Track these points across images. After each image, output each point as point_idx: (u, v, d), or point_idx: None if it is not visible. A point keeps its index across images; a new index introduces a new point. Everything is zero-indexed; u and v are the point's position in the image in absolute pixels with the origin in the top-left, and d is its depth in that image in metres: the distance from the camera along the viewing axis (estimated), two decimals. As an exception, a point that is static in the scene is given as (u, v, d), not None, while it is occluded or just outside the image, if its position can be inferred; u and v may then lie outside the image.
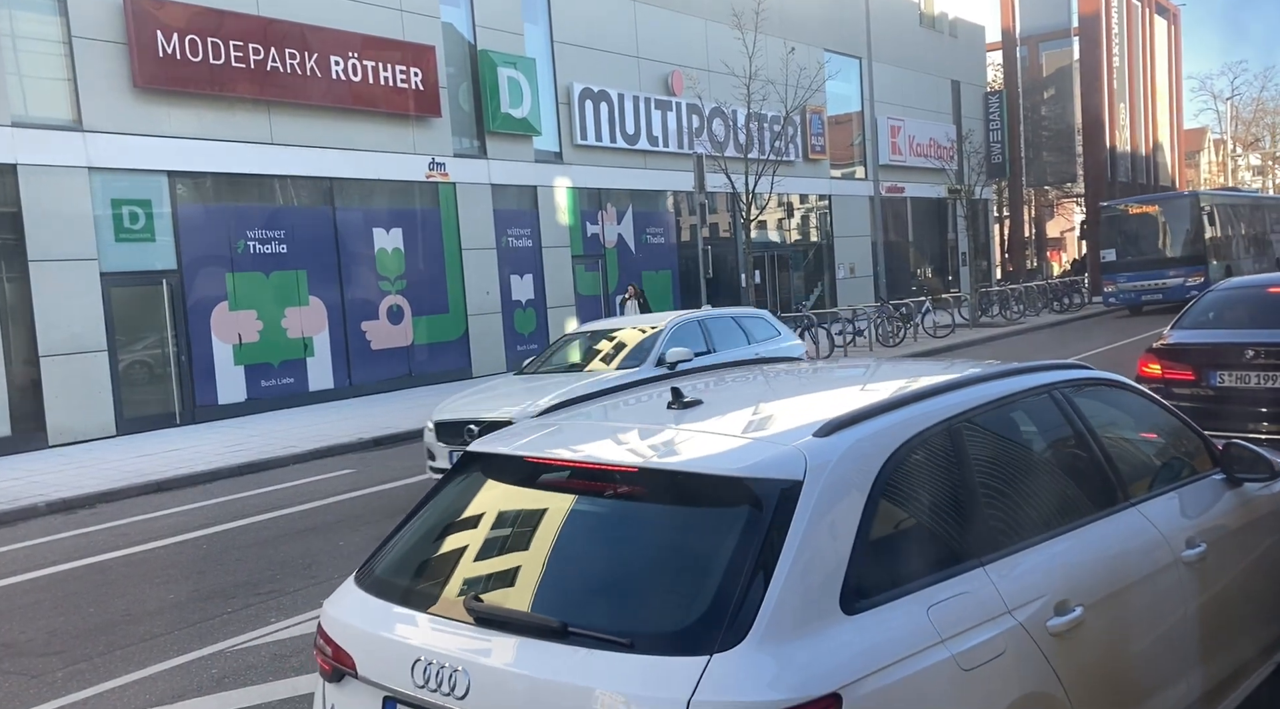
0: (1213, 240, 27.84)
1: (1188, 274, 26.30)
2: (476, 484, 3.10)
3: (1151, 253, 27.61)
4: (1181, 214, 27.52)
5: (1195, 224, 27.18)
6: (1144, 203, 29.00)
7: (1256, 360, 7.78)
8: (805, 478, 2.47)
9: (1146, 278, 27.19)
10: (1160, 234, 27.77)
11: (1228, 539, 3.61)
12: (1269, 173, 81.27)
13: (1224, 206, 29.55)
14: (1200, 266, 26.46)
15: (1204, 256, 26.91)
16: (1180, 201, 28.25)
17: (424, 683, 2.51)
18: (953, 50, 37.77)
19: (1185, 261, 26.85)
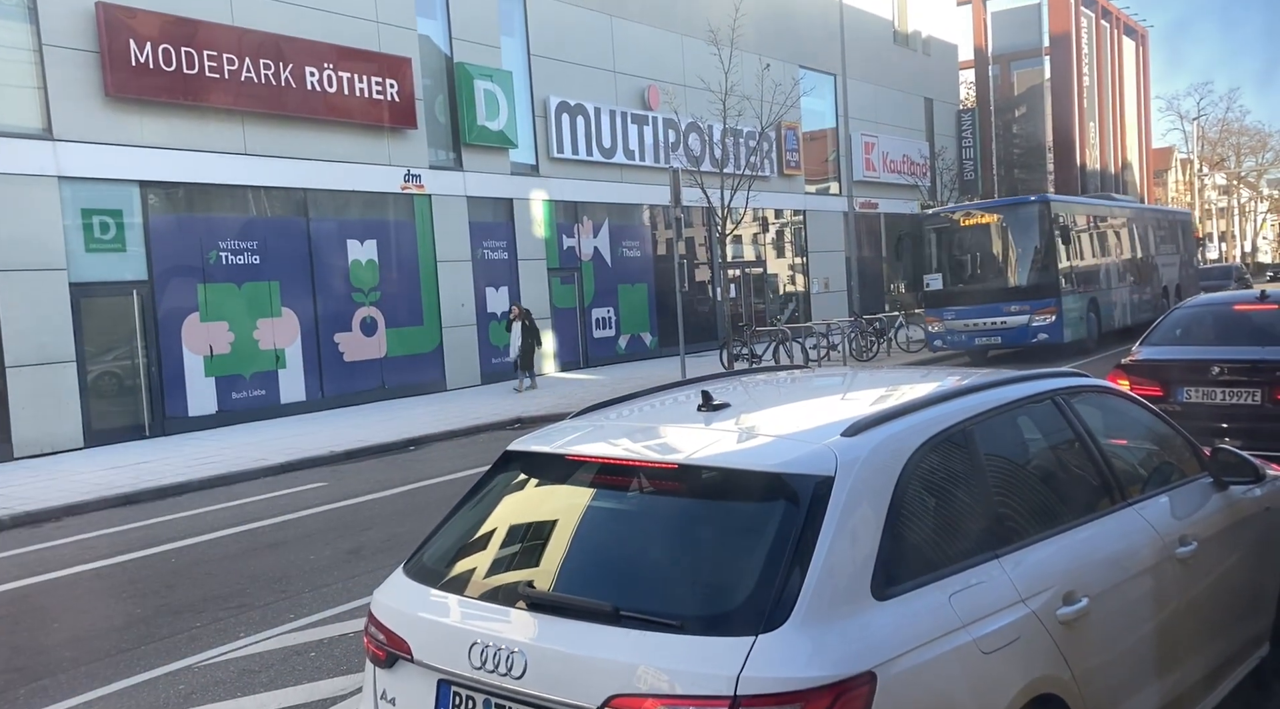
0: (1071, 264, 20.56)
1: (1034, 310, 19.46)
2: (519, 481, 3.29)
3: (990, 279, 20.56)
4: (1027, 227, 20.08)
5: (1046, 241, 19.81)
6: (980, 211, 21.37)
7: (1222, 377, 7.88)
8: (836, 474, 2.66)
9: (981, 314, 19.97)
10: (1000, 254, 20.77)
11: (1216, 538, 3.84)
12: (1234, 192, 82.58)
13: (1089, 218, 22.62)
14: (1049, 300, 19.49)
15: (1055, 286, 19.60)
16: (1025, 210, 20.41)
17: (481, 664, 2.66)
18: (926, 68, 38.13)
19: (1030, 293, 19.64)
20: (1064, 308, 19.70)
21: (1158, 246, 26.50)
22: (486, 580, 2.96)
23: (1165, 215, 29.36)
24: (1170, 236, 27.93)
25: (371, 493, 10.61)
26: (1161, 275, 26.32)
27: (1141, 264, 25.00)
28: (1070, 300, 20.11)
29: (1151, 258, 25.78)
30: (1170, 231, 28.06)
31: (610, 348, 24.38)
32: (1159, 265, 26.28)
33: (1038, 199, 20.77)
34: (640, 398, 3.90)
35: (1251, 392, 7.75)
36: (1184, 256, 29.20)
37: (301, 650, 5.75)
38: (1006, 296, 19.83)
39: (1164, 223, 28.08)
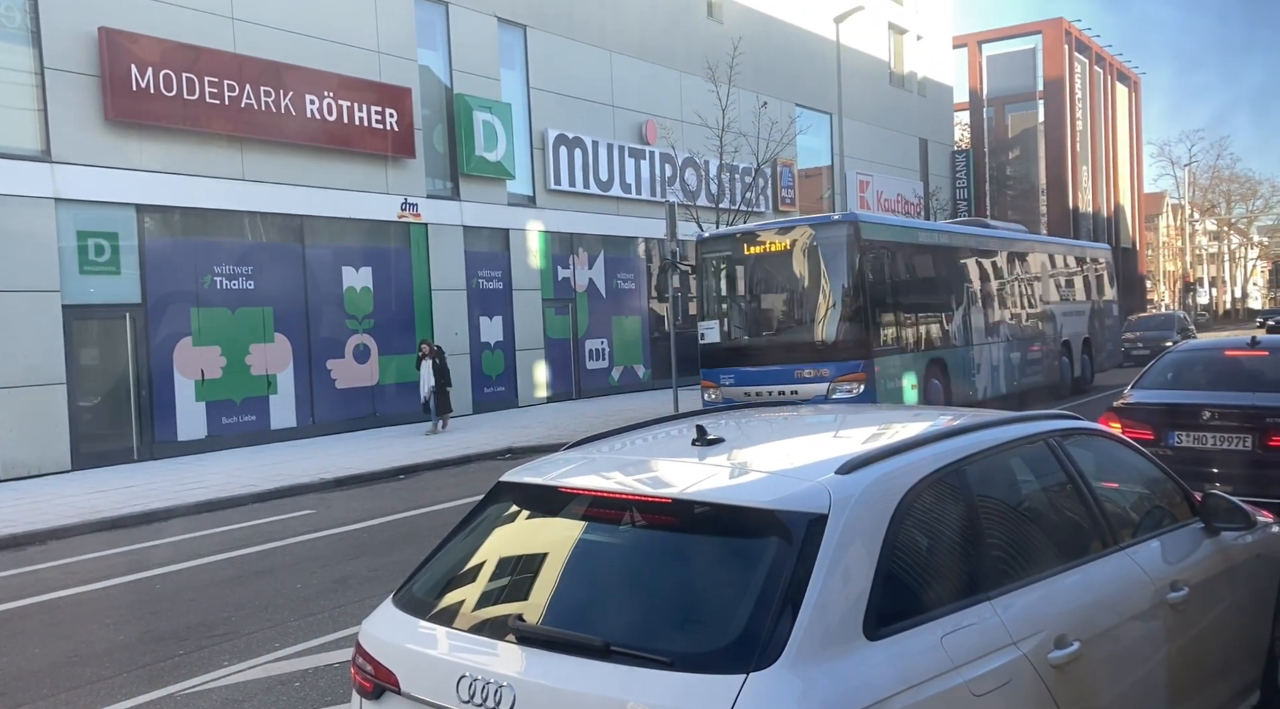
0: (896, 312, 14.96)
1: (835, 375, 13.95)
2: (510, 513, 3.26)
3: (779, 330, 15.11)
4: (829, 257, 14.35)
5: (854, 278, 14.16)
6: (768, 233, 15.10)
7: (1213, 422, 7.91)
8: (830, 511, 2.64)
9: (766, 379, 14.45)
10: (792, 295, 15.07)
11: (1208, 584, 3.82)
12: (1225, 238, 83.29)
13: (930, 250, 16.49)
14: (855, 363, 13.90)
15: (865, 342, 14.06)
16: (826, 235, 14.40)
17: (469, 698, 2.63)
18: (921, 109, 38.51)
19: (830, 352, 14.06)
20: (880, 373, 14.02)
21: (1059, 290, 20.98)
22: (476, 613, 2.94)
23: (1069, 250, 22.71)
24: (1078, 278, 22.30)
25: (360, 521, 10.55)
26: (1061, 327, 20.59)
27: (1028, 313, 19.38)
28: (891, 362, 14.48)
29: (1044, 305, 20.04)
30: (1078, 272, 22.35)
31: (603, 379, 24.38)
32: (1058, 315, 20.46)
33: (843, 219, 14.56)
34: (634, 431, 3.90)
35: (1242, 437, 7.77)
36: (1099, 304, 23.17)
37: (286, 680, 5.69)
38: (799, 356, 14.10)
39: (1067, 260, 22.01)
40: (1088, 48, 47.98)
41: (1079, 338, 21.57)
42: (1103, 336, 23.25)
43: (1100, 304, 23.36)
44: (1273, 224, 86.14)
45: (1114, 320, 24.59)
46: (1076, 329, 21.43)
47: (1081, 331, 21.77)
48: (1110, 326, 24.09)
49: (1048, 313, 20.12)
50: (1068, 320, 21.01)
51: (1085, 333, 21.96)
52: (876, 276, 14.52)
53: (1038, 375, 19.31)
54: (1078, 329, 21.55)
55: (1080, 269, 22.56)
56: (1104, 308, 23.63)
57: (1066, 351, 20.82)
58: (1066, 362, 20.75)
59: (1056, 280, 21.04)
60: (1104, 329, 23.46)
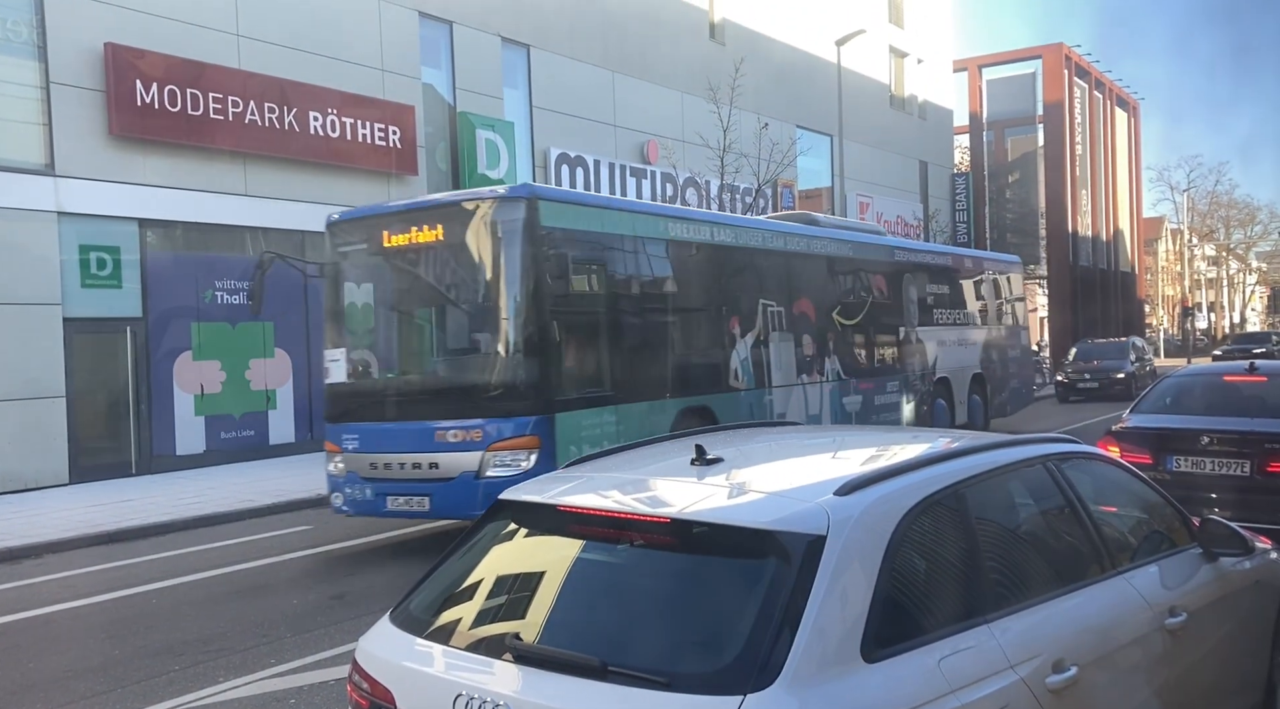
0: (594, 340, 10.01)
1: (493, 437, 8.91)
2: (508, 531, 3.26)
3: (424, 363, 10.70)
4: (495, 251, 9.26)
5: (529, 285, 9.10)
6: (417, 214, 9.85)
7: (1211, 447, 7.92)
8: (829, 533, 2.64)
9: (397, 442, 9.39)
10: (441, 309, 10.45)
11: (1206, 610, 3.80)
12: (1223, 264, 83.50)
13: (660, 249, 10.87)
14: (524, 421, 8.89)
15: (544, 385, 9.08)
16: (493, 216, 9.18)
17: None
18: (921, 132, 38.68)
19: (486, 403, 9.08)
20: (570, 433, 9.13)
21: (934, 313, 16.39)
22: (473, 631, 2.94)
23: (956, 262, 17.84)
24: (968, 298, 17.72)
25: (357, 538, 10.53)
26: (935, 360, 16.01)
27: (878, 342, 14.92)
28: (594, 417, 9.43)
29: (907, 331, 15.49)
30: (969, 290, 17.83)
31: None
32: (930, 344, 15.94)
33: (513, 193, 9.23)
34: (633, 450, 3.90)
35: (1240, 462, 7.78)
36: (1000, 331, 18.68)
37: (281, 697, 5.67)
38: (442, 408, 9.22)
39: (952, 275, 17.32)
40: (1087, 73, 48.26)
41: (965, 373, 16.99)
42: (1004, 372, 18.56)
43: (1002, 331, 18.77)
44: (1271, 250, 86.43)
45: (1022, 351, 20.17)
46: (961, 362, 16.91)
47: (969, 365, 17.20)
48: (1017, 359, 19.56)
49: (912, 342, 15.51)
50: (947, 351, 16.47)
51: (976, 367, 17.36)
52: (567, 283, 9.35)
53: (893, 419, 14.82)
54: (963, 362, 17.00)
55: (974, 287, 17.99)
56: (1008, 336, 19.06)
57: (944, 392, 16.25)
58: (943, 405, 16.19)
59: (929, 300, 16.23)
60: (1007, 362, 18.74)
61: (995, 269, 19.31)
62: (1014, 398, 19.25)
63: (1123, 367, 27.50)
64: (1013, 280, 19.87)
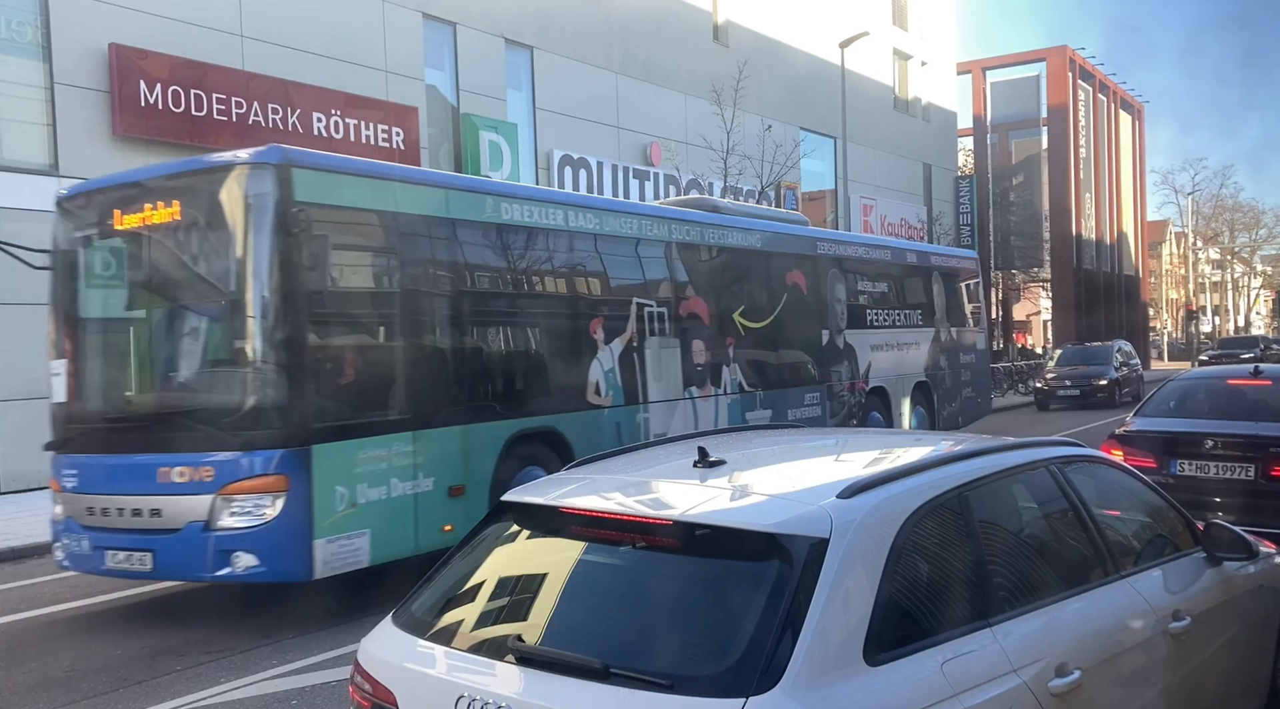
0: (373, 346, 7.88)
1: (226, 477, 6.83)
2: (511, 532, 3.27)
3: (149, 382, 8.23)
4: (236, 233, 7.20)
5: (279, 278, 6.99)
6: (150, 184, 7.68)
7: (1216, 451, 7.91)
8: (831, 536, 2.64)
9: (117, 481, 7.31)
10: (173, 310, 8.14)
11: (1209, 614, 3.79)
12: (1228, 267, 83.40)
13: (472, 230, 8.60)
14: (268, 456, 6.82)
15: (293, 409, 6.92)
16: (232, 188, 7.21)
17: None
18: (925, 134, 38.67)
19: (219, 434, 6.96)
20: (334, 472, 7.14)
21: (867, 313, 14.42)
22: (475, 632, 2.94)
23: (895, 255, 15.69)
24: (912, 296, 15.77)
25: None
26: (868, 367, 14.14)
27: (795, 345, 12.91)
28: (366, 451, 7.39)
29: (832, 334, 13.50)
30: (913, 288, 15.94)
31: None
32: (860, 349, 14.02)
33: (258, 159, 7.42)
34: (636, 451, 3.90)
35: (1245, 466, 7.76)
36: (949, 333, 16.54)
37: (284, 698, 5.67)
38: (167, 439, 7.18)
39: (891, 270, 15.33)
40: (1091, 76, 48.24)
41: (906, 382, 15.05)
42: (954, 379, 16.50)
43: (954, 334, 16.69)
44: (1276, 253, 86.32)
45: (977, 356, 17.74)
46: (901, 370, 15.00)
47: (911, 373, 15.26)
48: (971, 364, 17.34)
49: (838, 347, 13.45)
50: (884, 358, 14.51)
51: (920, 374, 15.45)
52: (335, 275, 7.54)
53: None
54: (904, 370, 15.07)
55: (920, 285, 16.03)
56: (961, 339, 17.00)
57: (879, 404, 14.35)
58: (878, 418, 14.36)
59: (862, 299, 14.32)
60: (957, 368, 16.66)
61: (945, 265, 17.13)
62: (967, 408, 17.21)
63: (1106, 372, 25.70)
64: (967, 278, 17.88)
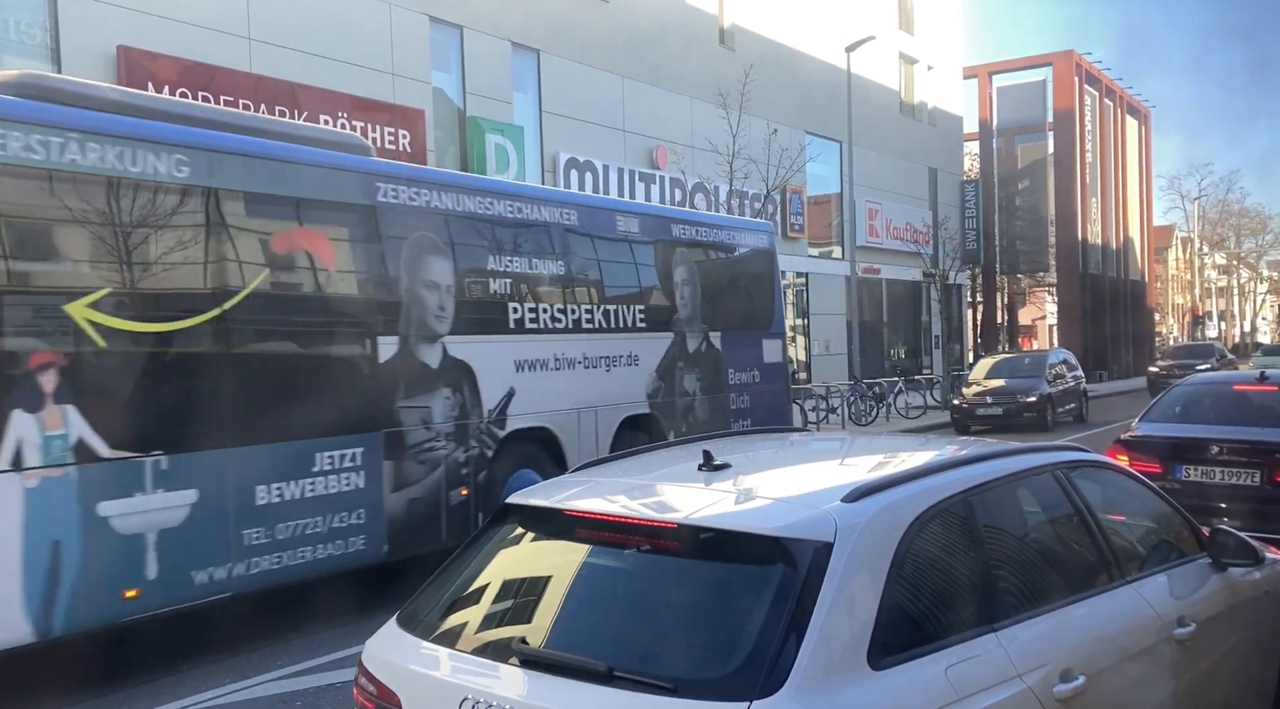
0: None
1: None
2: (516, 535, 3.28)
3: None
4: None
5: None
6: None
7: (1221, 456, 7.89)
8: (836, 540, 2.64)
9: None
10: None
11: (1215, 620, 3.78)
12: (1234, 272, 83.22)
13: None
14: None
15: None
16: None
17: None
18: (931, 138, 38.65)
19: None
20: None
21: (521, 308, 9.10)
22: (479, 634, 2.95)
23: (578, 220, 9.85)
24: (613, 279, 10.38)
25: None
26: (508, 398, 8.81)
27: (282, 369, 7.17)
28: None
29: (410, 346, 7.98)
30: (616, 266, 10.46)
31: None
32: (482, 369, 8.59)
33: None
34: (640, 454, 3.90)
35: (1251, 472, 7.74)
36: (706, 343, 11.23)
37: (288, 699, 5.68)
38: None
39: (552, 237, 9.56)
40: (1098, 80, 48.18)
41: (603, 418, 9.83)
42: (713, 409, 11.19)
43: (709, 341, 11.22)
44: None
45: (765, 374, 12.03)
46: (589, 397, 9.67)
47: (617, 401, 9.99)
48: (753, 386, 11.79)
49: (423, 363, 8.10)
50: (551, 381, 9.25)
51: (637, 403, 10.20)
52: None
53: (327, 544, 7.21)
54: (596, 396, 9.74)
55: (643, 265, 10.64)
56: (725, 349, 11.43)
57: (536, 455, 9.11)
58: (533, 478, 8.60)
59: (499, 284, 8.91)
60: (721, 393, 11.32)
61: (701, 238, 11.42)
62: None
63: (1036, 387, 20.61)
64: (753, 262, 12.34)
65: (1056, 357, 23.15)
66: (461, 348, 8.37)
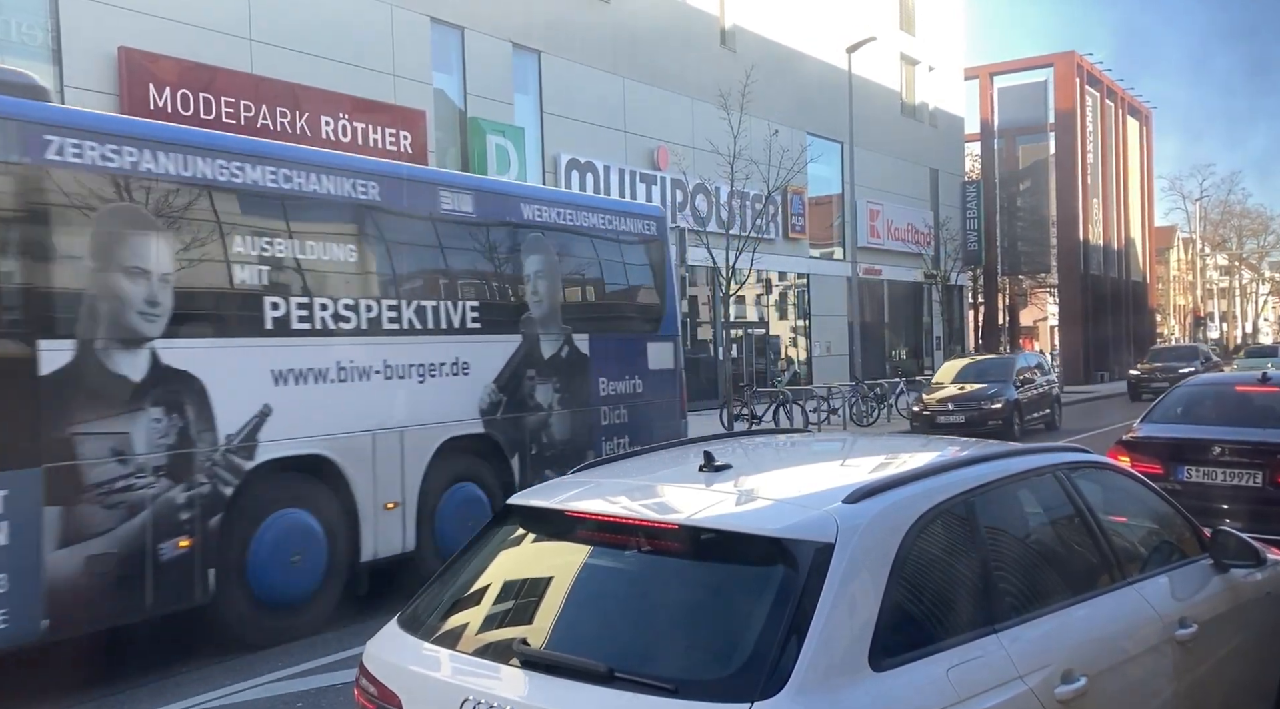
0: None
1: None
2: (517, 536, 3.27)
3: None
4: None
5: None
6: None
7: (1223, 457, 7.88)
8: (837, 541, 2.63)
9: None
10: None
11: (1217, 621, 3.78)
12: (1235, 273, 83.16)
13: None
14: None
15: None
16: None
17: None
18: (932, 139, 38.65)
19: None
20: None
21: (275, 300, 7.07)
22: (480, 636, 2.94)
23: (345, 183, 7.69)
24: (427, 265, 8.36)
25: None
26: (261, 417, 6.86)
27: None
28: None
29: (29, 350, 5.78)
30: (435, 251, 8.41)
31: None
32: (211, 380, 6.62)
33: None
34: (641, 456, 3.90)
35: (1252, 473, 7.74)
36: (569, 347, 9.41)
37: (289, 700, 5.68)
38: None
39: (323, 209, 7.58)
40: (1099, 81, 48.15)
41: (418, 442, 8.01)
42: (580, 425, 9.54)
43: (572, 346, 9.51)
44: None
45: (652, 384, 10.36)
46: (397, 414, 7.83)
47: (440, 419, 8.20)
48: (633, 399, 10.13)
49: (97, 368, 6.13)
50: (331, 394, 7.36)
51: (468, 423, 8.45)
52: None
53: None
54: (406, 414, 7.91)
55: (498, 252, 8.96)
56: (596, 354, 9.74)
57: (306, 493, 7.24)
58: (311, 529, 7.18)
59: (246, 273, 7.00)
60: (589, 407, 9.65)
61: (566, 222, 9.62)
62: None
63: (1002, 393, 18.98)
64: (632, 247, 10.50)
65: (1027, 360, 21.81)
66: (183, 354, 6.49)
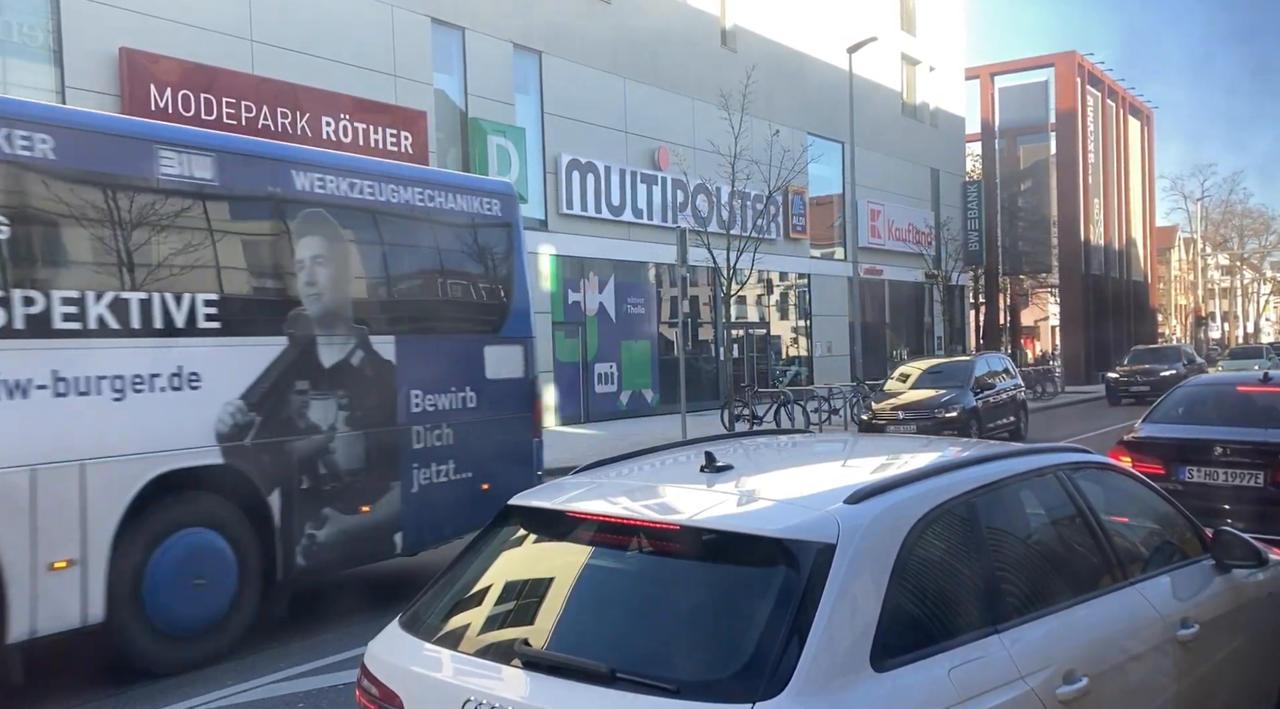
0: None
1: None
2: (518, 536, 3.26)
3: None
4: None
5: None
6: None
7: (1225, 457, 7.87)
8: (839, 541, 2.63)
9: None
10: None
11: (1218, 621, 3.78)
12: (1236, 273, 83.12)
13: None
14: None
15: None
16: None
17: None
18: (933, 139, 38.65)
19: None
20: None
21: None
22: (481, 636, 2.94)
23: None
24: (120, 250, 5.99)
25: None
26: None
27: None
28: None
29: None
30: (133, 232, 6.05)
31: (612, 403, 24.38)
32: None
33: None
34: (643, 456, 3.90)
35: (1254, 473, 7.73)
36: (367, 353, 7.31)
37: (290, 701, 5.68)
38: None
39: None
40: (1100, 81, 48.14)
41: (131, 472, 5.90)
42: (358, 446, 7.26)
43: (372, 351, 7.42)
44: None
45: (493, 398, 8.35)
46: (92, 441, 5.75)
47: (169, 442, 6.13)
48: (460, 418, 8.00)
49: None
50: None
51: (198, 449, 6.30)
52: None
53: None
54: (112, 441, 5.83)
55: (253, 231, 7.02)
56: (383, 359, 7.49)
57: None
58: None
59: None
60: (378, 421, 7.42)
61: (350, 194, 7.49)
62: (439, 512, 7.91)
63: (959, 401, 17.04)
64: (465, 231, 8.56)
65: (988, 364, 19.64)
66: None
